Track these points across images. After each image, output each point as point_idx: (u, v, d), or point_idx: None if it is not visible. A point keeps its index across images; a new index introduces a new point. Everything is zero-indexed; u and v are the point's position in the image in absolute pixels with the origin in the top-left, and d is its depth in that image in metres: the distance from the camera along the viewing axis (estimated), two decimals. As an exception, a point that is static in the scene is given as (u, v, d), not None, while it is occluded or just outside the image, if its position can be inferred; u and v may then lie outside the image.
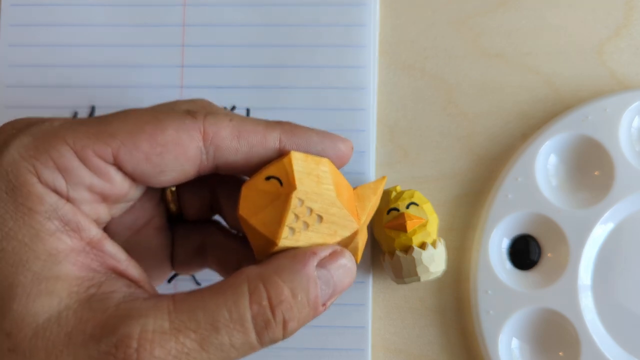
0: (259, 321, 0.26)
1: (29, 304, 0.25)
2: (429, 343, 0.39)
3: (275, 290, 0.26)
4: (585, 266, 0.38)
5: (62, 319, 0.25)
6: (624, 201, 0.38)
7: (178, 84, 0.40)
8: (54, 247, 0.26)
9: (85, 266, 0.27)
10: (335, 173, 0.29)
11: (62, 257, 0.26)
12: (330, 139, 0.30)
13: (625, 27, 0.40)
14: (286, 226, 0.27)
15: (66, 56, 0.40)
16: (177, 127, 0.27)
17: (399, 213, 0.37)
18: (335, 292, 0.28)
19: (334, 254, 0.28)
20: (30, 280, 0.25)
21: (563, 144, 0.39)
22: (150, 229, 0.33)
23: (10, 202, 0.26)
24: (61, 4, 0.41)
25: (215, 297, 0.26)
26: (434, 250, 0.36)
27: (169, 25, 0.41)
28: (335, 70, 0.40)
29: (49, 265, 0.26)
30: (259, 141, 0.29)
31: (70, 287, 0.26)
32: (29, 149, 0.26)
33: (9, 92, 0.40)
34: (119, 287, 0.27)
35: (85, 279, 0.26)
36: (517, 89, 0.40)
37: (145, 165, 0.27)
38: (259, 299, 0.26)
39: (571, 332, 0.37)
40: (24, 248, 0.26)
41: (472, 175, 0.40)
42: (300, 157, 0.28)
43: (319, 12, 0.40)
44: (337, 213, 0.28)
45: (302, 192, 0.27)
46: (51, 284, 0.26)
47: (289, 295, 0.26)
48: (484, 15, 0.41)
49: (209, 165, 0.29)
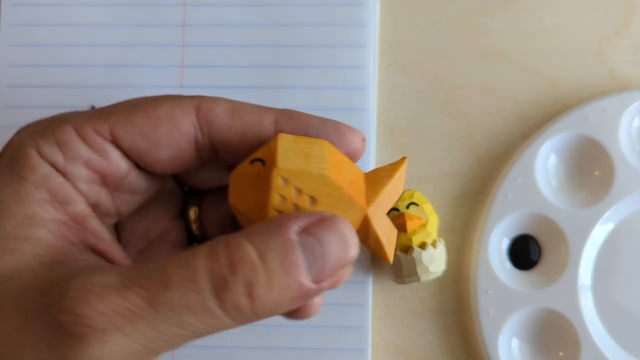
0: (215, 280, 0.23)
1: None
2: (429, 343, 0.39)
3: (237, 248, 0.23)
4: (585, 266, 0.38)
5: (18, 275, 0.25)
6: (624, 201, 0.38)
7: (178, 84, 0.40)
8: (35, 213, 0.26)
9: (62, 237, 0.27)
10: (335, 154, 0.26)
11: (39, 223, 0.26)
12: (332, 123, 0.28)
13: (625, 27, 0.40)
14: (272, 209, 0.25)
15: (66, 56, 0.40)
16: (171, 103, 0.28)
17: (399, 213, 0.37)
18: (326, 265, 0.24)
19: (323, 219, 0.24)
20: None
21: (563, 144, 0.39)
22: (166, 242, 0.32)
23: (7, 170, 0.27)
24: (61, 4, 0.41)
25: (173, 259, 0.24)
26: (434, 250, 0.36)
27: (169, 25, 0.41)
28: (335, 70, 0.40)
29: (23, 227, 0.26)
30: (253, 120, 0.28)
31: (38, 249, 0.26)
32: (36, 129, 0.28)
33: (9, 92, 0.40)
34: (90, 259, 0.26)
35: (56, 247, 0.26)
36: (517, 89, 0.40)
37: (140, 140, 0.28)
38: (216, 256, 0.23)
39: (571, 332, 0.37)
40: (2, 207, 0.26)
41: (472, 175, 0.40)
42: (290, 138, 0.26)
43: (319, 12, 0.40)
44: (332, 193, 0.25)
45: (284, 170, 0.25)
46: (19, 243, 0.26)
47: (255, 255, 0.23)
48: (484, 15, 0.41)
49: (205, 144, 0.28)
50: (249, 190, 0.26)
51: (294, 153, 0.25)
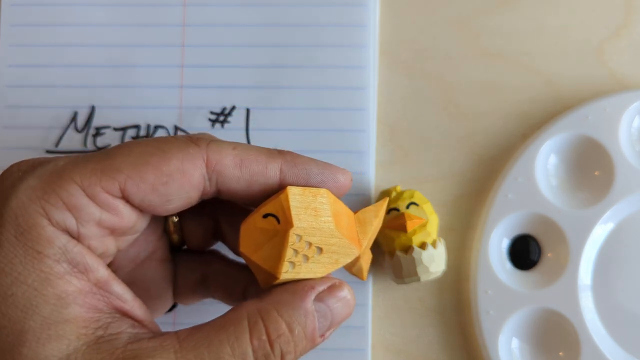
0: (260, 355, 0.27)
1: (38, 348, 0.25)
2: (429, 343, 0.39)
3: (273, 325, 0.27)
4: (585, 266, 0.38)
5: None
6: (624, 201, 0.38)
7: (178, 84, 0.40)
8: (63, 290, 0.26)
9: (92, 307, 0.27)
10: (335, 202, 0.30)
11: (70, 299, 0.26)
12: (329, 171, 0.30)
13: (625, 27, 0.40)
14: (286, 261, 0.28)
15: (66, 56, 0.40)
16: (181, 157, 0.28)
17: (399, 213, 0.37)
18: (333, 324, 0.29)
19: (332, 287, 0.29)
20: (39, 324, 0.26)
21: (563, 144, 0.39)
22: (154, 261, 0.33)
23: (20, 246, 0.26)
24: (61, 4, 0.41)
25: (218, 333, 0.27)
26: (434, 250, 0.36)
27: (169, 25, 0.41)
28: (335, 70, 0.40)
29: (58, 309, 0.26)
30: (260, 171, 0.29)
31: (79, 329, 0.26)
32: (37, 190, 0.27)
33: (9, 92, 0.40)
34: (124, 328, 0.27)
35: (92, 321, 0.27)
36: (517, 89, 0.40)
37: (152, 196, 0.28)
38: (259, 334, 0.27)
39: (571, 332, 0.37)
40: (33, 292, 0.26)
41: (472, 175, 0.40)
42: (297, 191, 0.29)
43: (319, 12, 0.40)
44: (337, 243, 0.29)
45: (299, 228, 0.28)
46: (60, 327, 0.26)
47: (287, 329, 0.27)
48: (484, 15, 0.41)
49: (212, 191, 0.29)
50: (262, 243, 0.28)
51: (304, 210, 0.28)
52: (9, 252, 0.26)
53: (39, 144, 0.40)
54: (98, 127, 0.40)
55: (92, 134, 0.40)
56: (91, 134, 0.40)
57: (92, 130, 0.40)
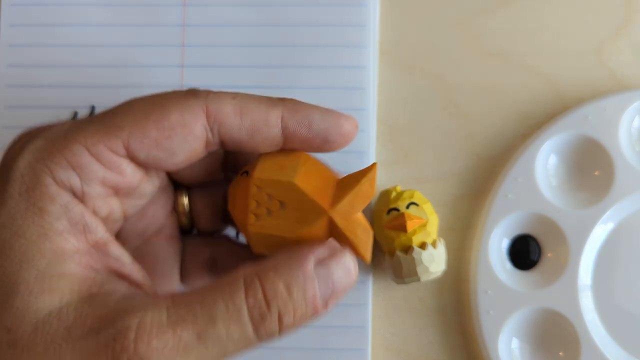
0: (255, 314, 0.26)
1: (30, 300, 0.26)
2: (429, 343, 0.39)
3: (270, 285, 0.27)
4: (585, 266, 0.38)
5: (62, 314, 0.26)
6: (624, 201, 0.38)
7: (178, 84, 0.40)
8: (60, 247, 0.27)
9: (88, 266, 0.27)
10: (314, 164, 0.30)
11: (67, 256, 0.27)
12: (332, 117, 0.30)
13: (625, 27, 0.41)
14: (250, 212, 0.29)
15: (66, 56, 0.40)
16: (181, 109, 0.28)
17: (399, 213, 0.37)
18: (335, 292, 0.28)
19: (333, 253, 0.28)
20: (34, 277, 0.26)
21: (563, 144, 0.39)
22: (161, 237, 0.33)
23: (22, 202, 0.27)
24: (61, 4, 0.41)
25: (213, 292, 0.27)
26: (434, 250, 0.36)
27: (169, 26, 0.41)
28: (335, 70, 0.40)
29: (53, 264, 0.26)
30: (261, 118, 0.29)
31: (72, 285, 0.26)
32: (43, 150, 0.27)
33: (9, 92, 0.40)
34: (119, 287, 0.27)
35: (87, 279, 0.27)
36: (517, 89, 0.40)
37: (156, 151, 0.28)
38: (255, 292, 0.27)
39: (571, 332, 0.37)
40: (30, 246, 0.26)
41: (472, 175, 0.40)
42: (272, 153, 0.30)
43: (319, 12, 0.40)
44: (299, 198, 0.29)
45: (257, 179, 0.29)
46: (54, 281, 0.26)
47: (284, 290, 0.27)
48: (484, 15, 0.41)
49: (215, 142, 0.29)
50: (237, 197, 0.30)
51: (271, 165, 0.29)
52: (11, 207, 0.26)
53: (39, 144, 0.40)
54: (98, 127, 0.40)
55: (92, 134, 0.40)
56: (91, 134, 0.40)
57: (92, 130, 0.40)
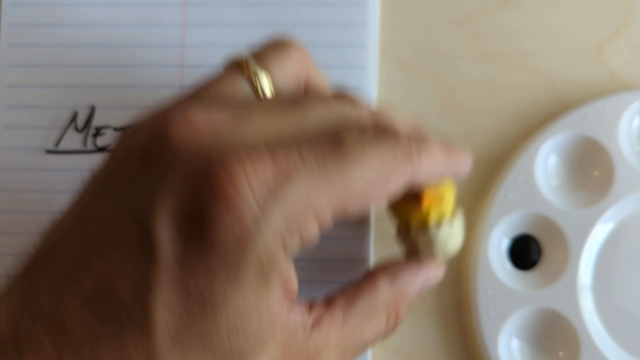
0: (391, 314, 0.31)
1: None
2: (429, 343, 0.39)
3: (402, 290, 0.32)
4: (585, 266, 0.38)
5: None
6: (624, 201, 0.38)
7: (178, 84, 0.40)
8: (276, 315, 0.27)
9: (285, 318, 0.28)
10: None
11: (277, 321, 0.27)
12: (454, 162, 0.33)
13: (625, 27, 0.41)
14: None
15: (66, 56, 0.40)
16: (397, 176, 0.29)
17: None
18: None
19: None
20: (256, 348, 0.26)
21: (563, 144, 0.39)
22: None
23: (257, 286, 0.25)
24: (61, 4, 0.41)
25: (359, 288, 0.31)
26: (449, 228, 0.34)
27: (169, 25, 0.41)
28: (335, 70, 0.40)
29: (269, 332, 0.27)
30: None
31: (277, 342, 0.27)
32: (283, 232, 0.25)
33: (9, 92, 0.40)
34: (297, 319, 0.28)
35: (284, 326, 0.28)
36: (517, 89, 0.40)
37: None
38: (392, 295, 0.31)
39: (571, 332, 0.37)
40: (260, 326, 0.26)
41: (472, 175, 0.40)
42: None
43: (319, 12, 0.40)
44: None
45: None
46: (271, 345, 0.27)
47: (412, 295, 0.32)
48: (484, 15, 0.41)
49: None
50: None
51: None
52: (247, 294, 0.25)
53: (39, 144, 0.40)
54: (98, 127, 0.40)
55: (92, 134, 0.40)
56: (91, 134, 0.40)
57: (92, 130, 0.40)
